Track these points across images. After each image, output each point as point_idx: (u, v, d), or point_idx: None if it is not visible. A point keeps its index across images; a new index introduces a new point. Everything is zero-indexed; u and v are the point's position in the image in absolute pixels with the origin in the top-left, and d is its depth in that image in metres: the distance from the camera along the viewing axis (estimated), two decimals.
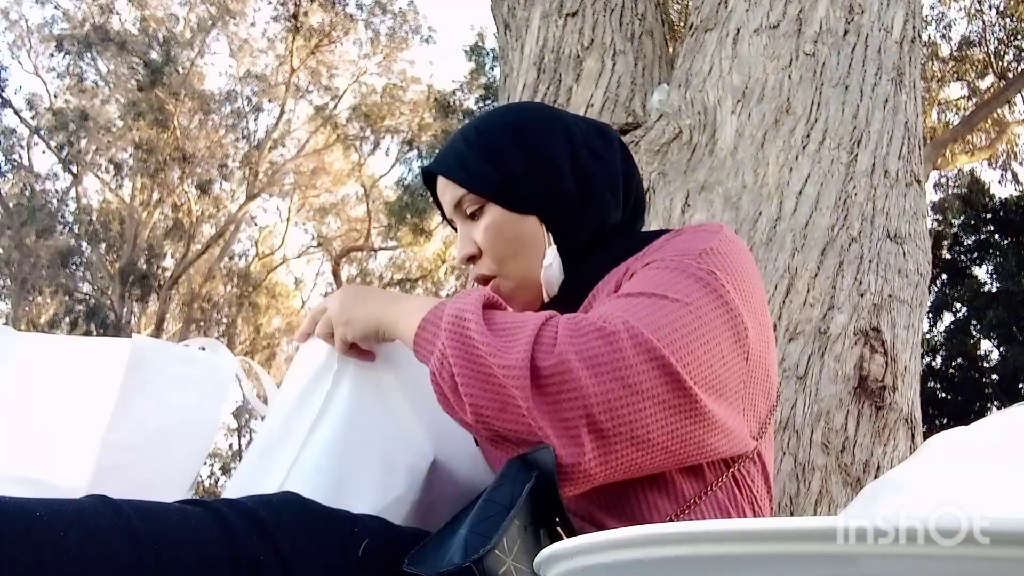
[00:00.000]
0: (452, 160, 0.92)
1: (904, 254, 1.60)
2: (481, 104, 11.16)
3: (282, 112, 13.38)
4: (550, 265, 0.89)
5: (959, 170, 10.08)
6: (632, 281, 0.78)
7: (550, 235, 0.89)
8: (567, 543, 0.37)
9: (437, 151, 0.99)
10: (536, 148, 0.90)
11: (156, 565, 0.53)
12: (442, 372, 0.69)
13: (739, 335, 0.73)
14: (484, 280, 0.91)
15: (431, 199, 1.05)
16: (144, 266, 12.99)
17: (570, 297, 0.89)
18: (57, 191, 13.67)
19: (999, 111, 9.04)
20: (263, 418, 0.92)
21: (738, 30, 1.81)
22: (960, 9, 9.53)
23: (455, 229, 0.96)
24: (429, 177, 0.96)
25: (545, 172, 0.89)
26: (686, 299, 0.71)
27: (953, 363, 9.39)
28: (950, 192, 10.54)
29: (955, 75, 9.65)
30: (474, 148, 0.91)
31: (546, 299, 0.91)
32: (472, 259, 0.92)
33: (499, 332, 0.68)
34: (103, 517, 0.53)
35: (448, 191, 0.92)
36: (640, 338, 0.66)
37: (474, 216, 0.91)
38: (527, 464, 0.63)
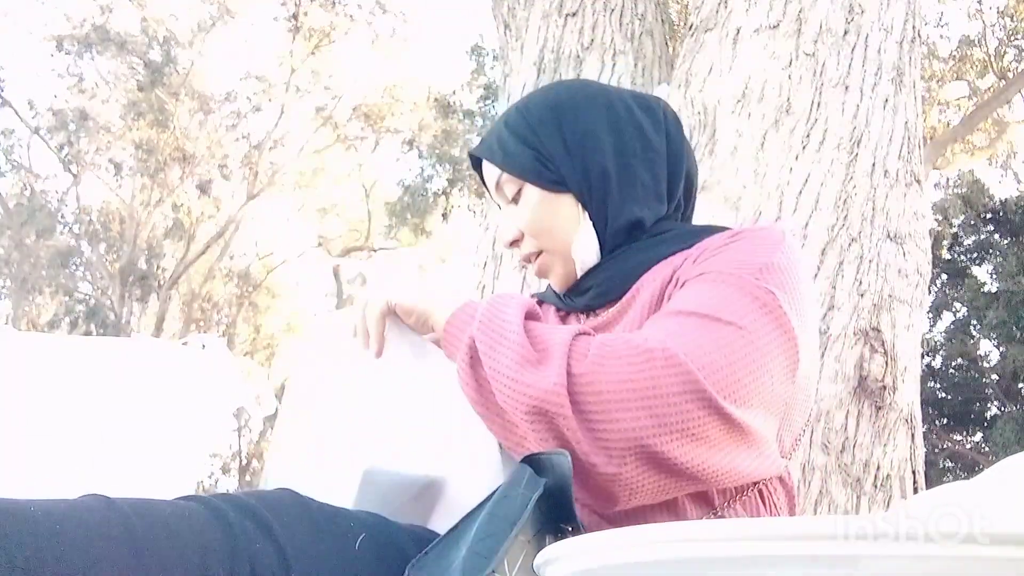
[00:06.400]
0: (492, 142, 0.93)
1: (904, 254, 1.60)
2: (481, 104, 11.15)
3: (282, 112, 13.37)
4: (583, 241, 0.89)
5: (959, 170, 10.07)
6: (684, 294, 0.76)
7: (586, 213, 0.89)
8: (567, 543, 0.37)
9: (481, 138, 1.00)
10: (573, 124, 0.89)
11: (153, 558, 0.52)
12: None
13: (791, 359, 0.71)
14: (530, 258, 0.93)
15: (431, 199, 1.08)
16: (144, 266, 12.99)
17: (609, 287, 0.88)
18: (57, 191, 13.66)
19: (999, 111, 9.04)
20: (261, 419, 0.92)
21: (738, 30, 1.81)
22: (960, 9, 9.52)
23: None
24: (477, 162, 0.98)
25: (580, 149, 0.88)
26: (740, 322, 0.69)
27: (953, 363, 9.38)
28: (950, 192, 10.53)
29: (955, 75, 9.65)
30: (512, 129, 0.91)
31: (579, 274, 0.91)
32: (515, 243, 0.93)
33: (535, 339, 0.71)
34: (97, 511, 0.53)
35: (490, 173, 0.94)
36: (679, 368, 0.64)
37: (516, 199, 0.91)
38: (540, 466, 0.62)
